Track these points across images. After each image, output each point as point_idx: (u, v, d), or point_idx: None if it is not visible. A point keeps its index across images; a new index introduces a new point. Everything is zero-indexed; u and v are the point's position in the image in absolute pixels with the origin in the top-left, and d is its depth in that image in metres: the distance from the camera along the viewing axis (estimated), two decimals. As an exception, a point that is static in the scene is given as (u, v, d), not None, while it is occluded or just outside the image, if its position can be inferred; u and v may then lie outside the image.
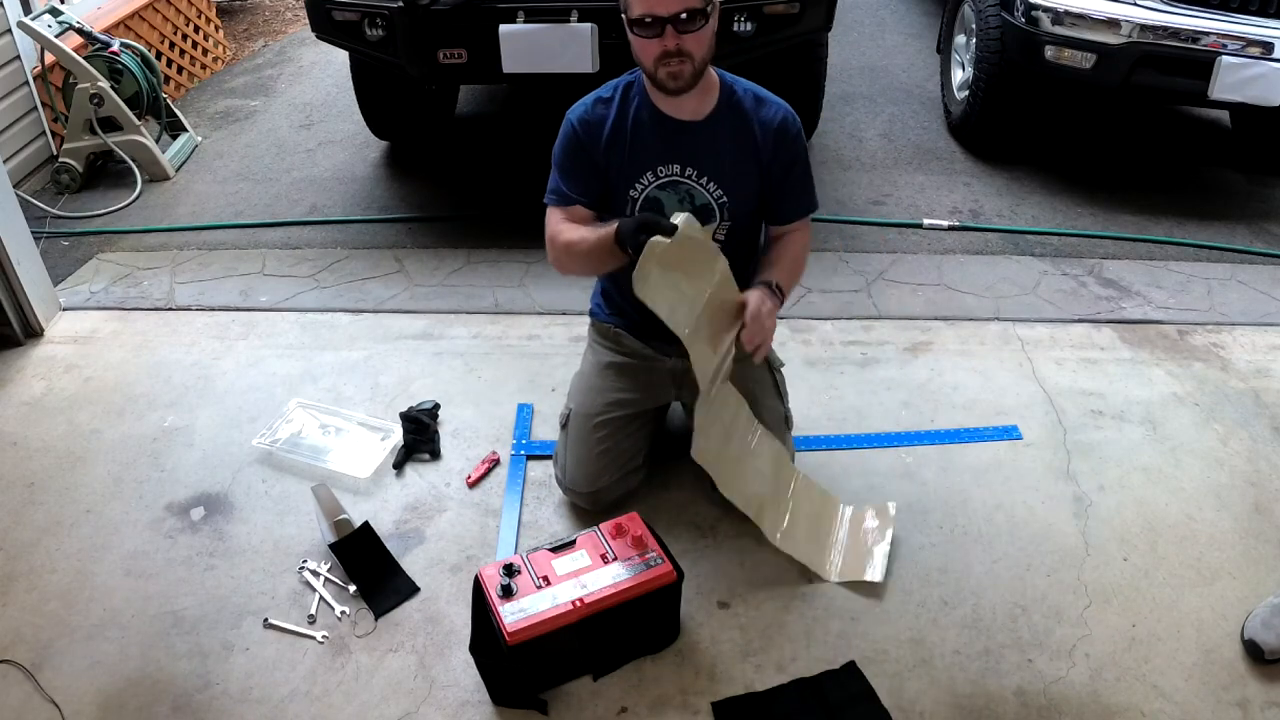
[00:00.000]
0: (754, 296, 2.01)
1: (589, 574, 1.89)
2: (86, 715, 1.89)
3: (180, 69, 5.07)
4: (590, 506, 2.27)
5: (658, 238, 1.84)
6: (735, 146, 2.08)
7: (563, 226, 2.08)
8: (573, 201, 2.11)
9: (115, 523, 2.32)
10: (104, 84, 3.92)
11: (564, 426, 2.31)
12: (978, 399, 2.70)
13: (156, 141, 4.11)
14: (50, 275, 3.14)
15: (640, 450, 2.28)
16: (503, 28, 3.13)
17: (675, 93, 1.99)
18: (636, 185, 2.09)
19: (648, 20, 1.91)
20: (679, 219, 1.89)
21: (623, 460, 2.24)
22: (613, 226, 1.94)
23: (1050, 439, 2.55)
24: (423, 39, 3.22)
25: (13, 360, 2.90)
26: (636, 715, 1.87)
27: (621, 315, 2.32)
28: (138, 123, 4.02)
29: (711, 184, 2.08)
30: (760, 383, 2.30)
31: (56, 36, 3.88)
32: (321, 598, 2.11)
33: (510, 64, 3.19)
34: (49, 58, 3.99)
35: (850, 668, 1.94)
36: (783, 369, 2.39)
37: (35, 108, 4.08)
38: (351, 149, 4.33)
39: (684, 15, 1.89)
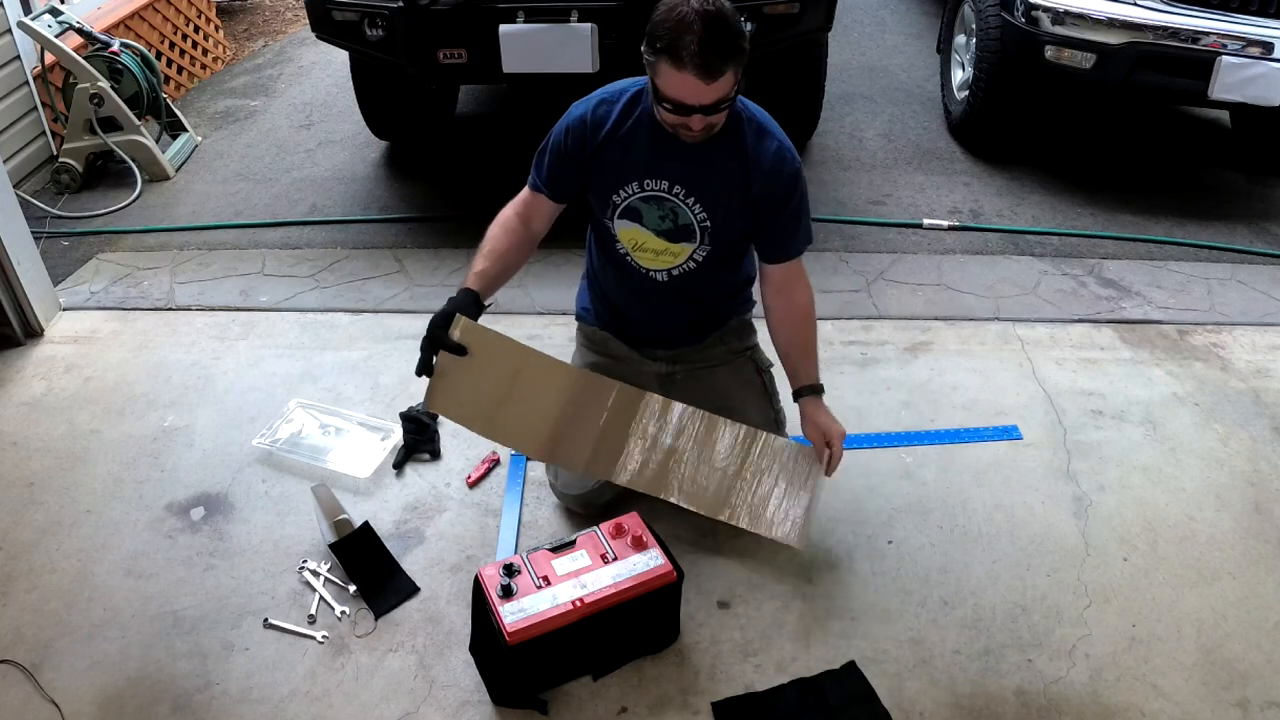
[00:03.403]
0: (817, 425, 2.10)
1: (589, 574, 1.89)
2: (86, 715, 1.89)
3: (180, 69, 5.07)
4: (583, 510, 2.27)
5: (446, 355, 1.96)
6: (727, 173, 2.03)
7: (498, 226, 2.11)
8: (538, 189, 2.11)
9: (115, 523, 2.32)
10: (104, 84, 3.92)
11: None
12: (978, 399, 2.70)
13: (156, 141, 4.11)
14: (50, 275, 3.14)
15: None
16: (503, 28, 3.13)
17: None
18: (621, 192, 2.07)
19: (673, 106, 1.86)
20: (455, 330, 1.96)
21: None
22: (462, 285, 2.03)
23: (1050, 439, 2.55)
24: (423, 39, 3.22)
25: (13, 360, 2.90)
26: (636, 715, 1.87)
27: (606, 316, 2.32)
28: (138, 123, 4.02)
29: (697, 205, 2.05)
30: (746, 386, 2.30)
31: (56, 36, 3.88)
32: (321, 598, 2.11)
33: (510, 64, 3.19)
34: (49, 58, 3.99)
35: (850, 668, 1.95)
36: (772, 369, 2.38)
37: (35, 108, 4.08)
38: (351, 149, 4.33)
39: (716, 103, 1.85)
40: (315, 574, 2.17)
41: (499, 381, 2.03)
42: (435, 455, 2.50)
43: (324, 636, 2.03)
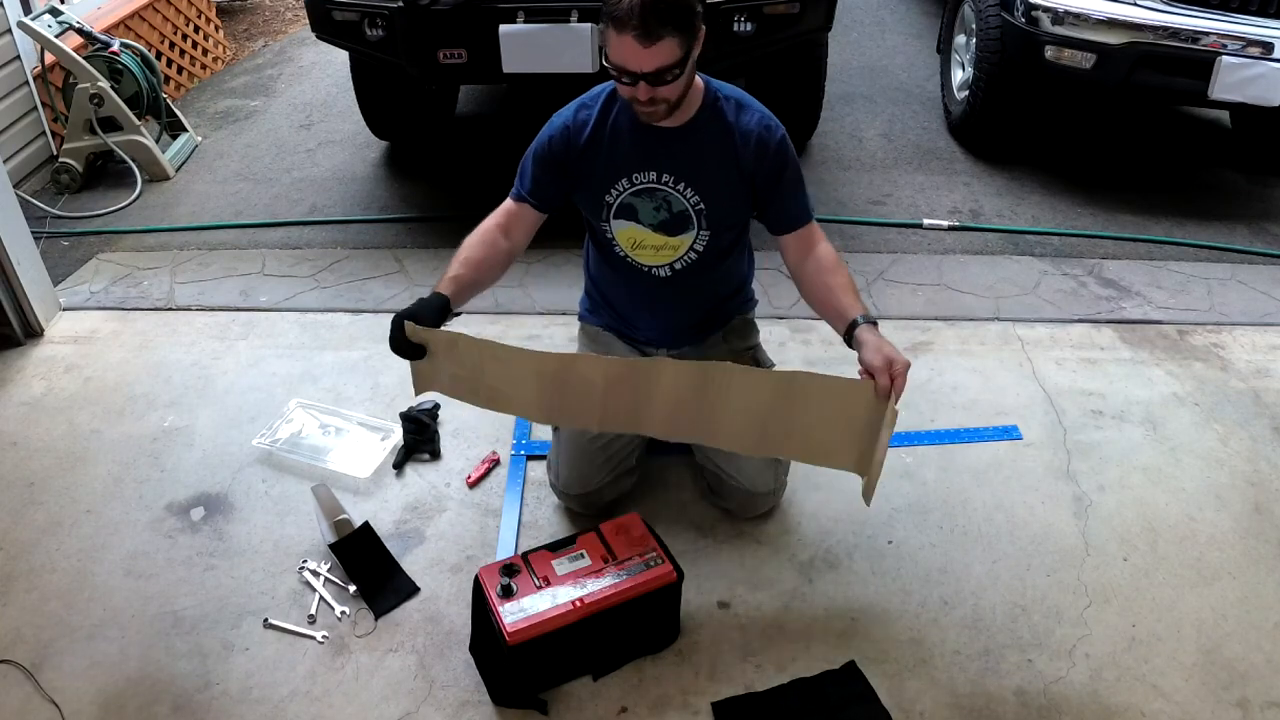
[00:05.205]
0: (879, 350, 1.84)
1: (589, 574, 1.89)
2: (86, 715, 1.89)
3: (180, 69, 5.07)
4: (583, 509, 2.27)
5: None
6: (715, 154, 2.03)
7: (475, 236, 2.04)
8: (523, 199, 2.08)
9: (115, 523, 2.32)
10: (104, 84, 3.92)
11: (556, 429, 2.31)
12: (978, 399, 2.70)
13: (156, 141, 4.11)
14: (50, 275, 3.14)
15: (633, 452, 2.27)
16: (503, 28, 3.13)
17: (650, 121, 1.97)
18: (612, 191, 2.07)
19: (620, 74, 1.87)
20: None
21: (615, 462, 2.23)
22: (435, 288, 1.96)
23: (1050, 439, 2.55)
24: (423, 39, 3.22)
25: (13, 360, 2.90)
26: (636, 715, 1.87)
27: (607, 316, 2.32)
28: (138, 123, 4.02)
29: (689, 191, 2.05)
30: None
31: (56, 36, 3.88)
32: (321, 598, 2.11)
33: (510, 64, 3.19)
34: (49, 58, 3.99)
35: (850, 668, 1.94)
36: (774, 369, 2.37)
37: (35, 108, 4.08)
38: (351, 149, 4.33)
39: (658, 71, 1.83)
40: (315, 574, 2.17)
41: (471, 371, 1.96)
42: (435, 455, 2.50)
43: (324, 636, 2.03)
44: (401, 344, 1.90)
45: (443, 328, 1.92)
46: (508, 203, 2.11)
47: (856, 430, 1.88)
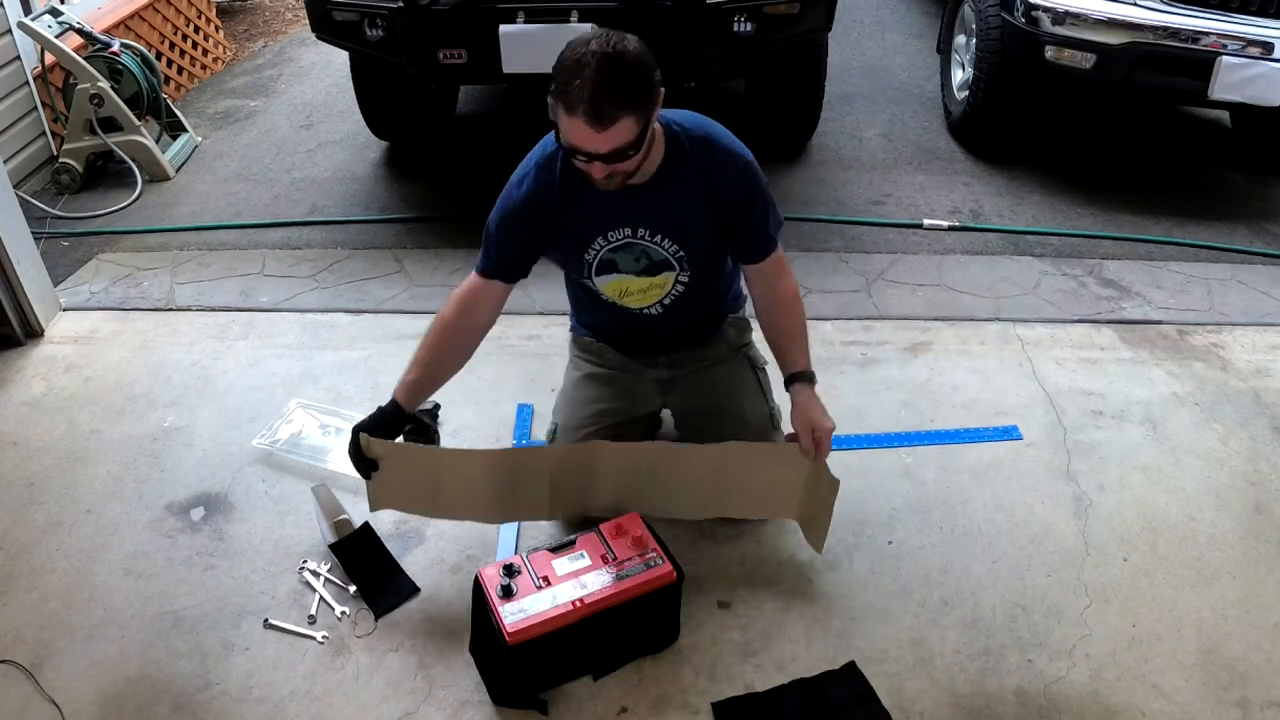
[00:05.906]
0: (805, 415, 2.00)
1: (589, 574, 1.89)
2: (86, 715, 1.89)
3: (180, 69, 5.07)
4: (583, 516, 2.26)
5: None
6: (687, 201, 1.96)
7: (435, 329, 2.05)
8: (488, 274, 2.03)
9: (115, 523, 2.32)
10: (104, 84, 3.92)
11: (551, 442, 2.30)
12: (978, 399, 2.70)
13: (156, 142, 4.11)
14: (50, 275, 3.14)
15: None
16: (503, 28, 3.13)
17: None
18: (590, 250, 2.03)
19: (573, 153, 1.79)
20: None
21: None
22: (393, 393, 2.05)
23: (1050, 439, 2.55)
24: (423, 39, 3.23)
25: (13, 360, 2.90)
26: (636, 715, 1.87)
27: (598, 331, 2.31)
28: (138, 123, 4.02)
29: (666, 240, 2.00)
30: (742, 383, 2.29)
31: (56, 37, 3.88)
32: (321, 598, 2.11)
33: (510, 64, 3.20)
34: (49, 58, 3.99)
35: (850, 668, 1.95)
36: (767, 368, 2.36)
37: (35, 108, 4.08)
38: (351, 149, 4.33)
39: (614, 152, 1.76)
40: (315, 574, 2.17)
41: (425, 480, 2.12)
42: (435, 455, 2.50)
43: (324, 636, 2.03)
44: (358, 456, 2.01)
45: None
46: (473, 278, 2.06)
47: (791, 489, 2.12)
